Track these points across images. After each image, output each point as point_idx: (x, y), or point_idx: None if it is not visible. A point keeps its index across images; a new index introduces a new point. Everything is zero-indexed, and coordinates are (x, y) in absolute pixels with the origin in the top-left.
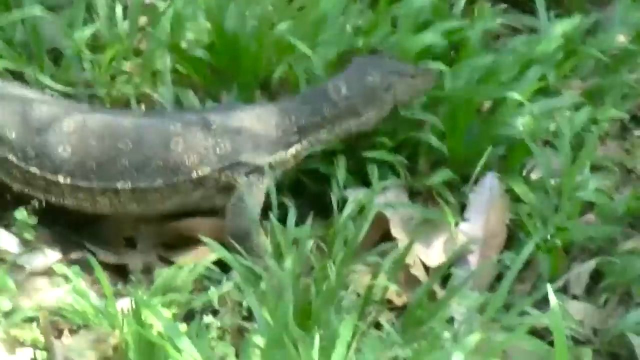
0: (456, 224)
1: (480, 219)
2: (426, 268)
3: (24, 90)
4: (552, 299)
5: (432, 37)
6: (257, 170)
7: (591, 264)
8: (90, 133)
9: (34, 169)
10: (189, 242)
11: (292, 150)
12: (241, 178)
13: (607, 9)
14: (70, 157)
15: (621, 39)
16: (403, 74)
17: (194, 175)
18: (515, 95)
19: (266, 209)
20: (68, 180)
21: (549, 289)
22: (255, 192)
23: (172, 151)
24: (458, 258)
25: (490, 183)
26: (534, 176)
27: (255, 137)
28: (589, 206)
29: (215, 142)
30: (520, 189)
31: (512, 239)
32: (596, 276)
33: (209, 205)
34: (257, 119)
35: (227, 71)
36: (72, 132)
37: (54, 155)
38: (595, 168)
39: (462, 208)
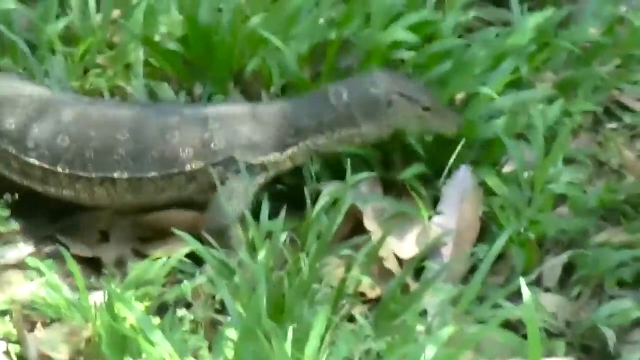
0: (430, 218)
1: (453, 212)
2: (400, 261)
3: (21, 82)
4: (525, 291)
5: (403, 31)
6: (250, 168)
7: (564, 257)
8: (89, 123)
9: (32, 160)
10: (164, 235)
11: (288, 152)
12: (232, 174)
13: (579, 2)
14: (69, 147)
15: (593, 31)
16: (413, 100)
17: (188, 168)
18: (486, 90)
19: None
20: (67, 171)
21: (522, 282)
22: (242, 190)
23: (167, 143)
24: (431, 251)
25: (464, 176)
26: (507, 169)
27: (251, 135)
28: (562, 199)
29: (210, 137)
30: (493, 182)
31: (486, 232)
32: (569, 269)
33: (204, 200)
34: (254, 118)
35: (200, 64)
36: (72, 123)
37: (52, 146)
38: (568, 161)
39: (436, 201)
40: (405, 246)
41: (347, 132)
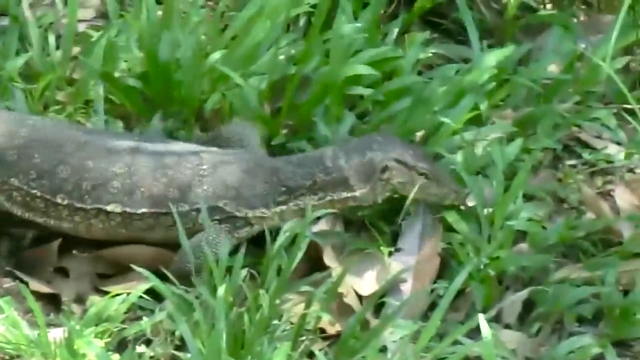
0: (390, 254)
1: (413, 248)
2: (360, 297)
3: (21, 115)
4: (485, 328)
5: (362, 66)
6: (232, 220)
7: (524, 293)
8: (89, 154)
9: (34, 191)
10: (123, 270)
11: (276, 210)
12: (213, 222)
13: (538, 39)
14: (68, 178)
15: (553, 68)
16: (409, 166)
17: (172, 209)
18: (448, 121)
19: None
20: (66, 202)
21: (482, 318)
22: (219, 241)
23: (157, 182)
24: (391, 288)
25: (423, 212)
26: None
27: (239, 187)
28: (521, 236)
29: (199, 183)
30: (452, 217)
31: (445, 268)
32: (529, 305)
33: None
34: (246, 171)
35: (160, 100)
36: (71, 153)
37: (53, 176)
38: (527, 198)
39: (396, 237)
40: (364, 282)
41: (340, 195)
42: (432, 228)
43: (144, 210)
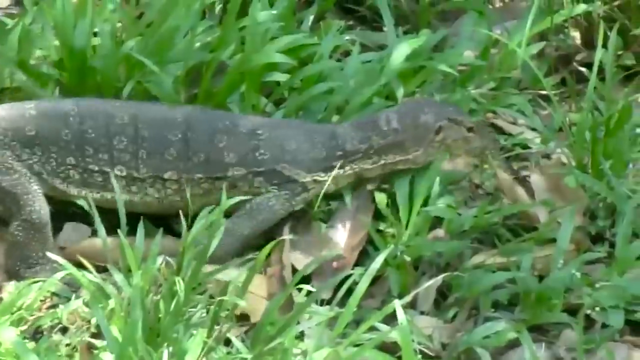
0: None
1: (343, 230)
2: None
3: (63, 98)
4: (400, 314)
5: (277, 54)
6: (290, 184)
7: (439, 279)
8: (143, 124)
9: (92, 166)
10: None
11: (332, 174)
12: (271, 187)
13: (454, 25)
14: (125, 148)
15: (468, 54)
16: (458, 122)
17: (230, 173)
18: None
19: None
20: (124, 173)
21: (397, 304)
22: (276, 206)
23: (214, 146)
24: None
25: (358, 194)
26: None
27: (296, 151)
28: (439, 222)
29: (256, 146)
30: (380, 198)
31: (363, 255)
32: (445, 291)
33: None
34: (303, 136)
35: (76, 88)
36: (127, 124)
37: (111, 149)
38: (444, 183)
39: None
40: (301, 258)
41: (394, 158)
42: (364, 207)
43: (199, 175)
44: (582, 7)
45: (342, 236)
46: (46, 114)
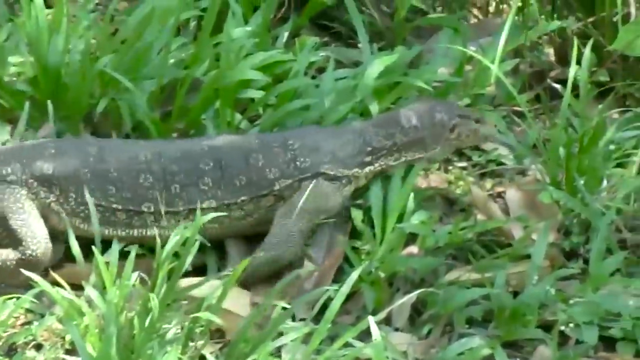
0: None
1: (321, 247)
2: None
3: (84, 138)
4: (375, 330)
5: (252, 71)
6: (337, 180)
7: (413, 295)
8: (169, 159)
9: (115, 205)
10: None
11: (366, 170)
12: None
13: (429, 42)
14: (152, 185)
15: (443, 71)
16: (467, 117)
17: (276, 187)
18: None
19: None
20: (152, 209)
21: (371, 320)
22: (326, 196)
23: (253, 166)
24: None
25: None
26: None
27: (333, 152)
28: (412, 238)
29: (294, 156)
30: (355, 214)
31: (338, 271)
32: (420, 307)
33: None
34: (334, 137)
35: (50, 105)
36: (151, 161)
37: (136, 186)
38: (419, 200)
39: None
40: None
41: (413, 155)
42: (341, 225)
43: (244, 197)
44: (556, 24)
45: (319, 254)
46: (66, 153)
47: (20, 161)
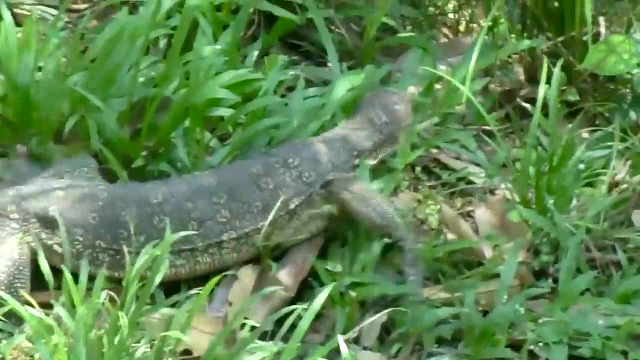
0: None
1: (289, 266)
2: None
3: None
4: (344, 349)
5: (222, 90)
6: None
7: (383, 315)
8: (181, 198)
9: (128, 249)
10: None
11: (356, 173)
12: (334, 187)
13: (398, 61)
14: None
15: (413, 90)
16: (408, 101)
17: (292, 206)
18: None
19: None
20: (169, 248)
21: (341, 339)
22: (368, 188)
23: (265, 191)
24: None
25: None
26: None
27: (332, 161)
28: (383, 258)
29: (299, 173)
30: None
31: (307, 289)
32: (389, 327)
33: (301, 236)
34: (326, 147)
35: (19, 123)
36: (163, 203)
37: (150, 228)
38: None
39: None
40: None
41: (387, 150)
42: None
43: (263, 222)
44: (526, 43)
45: (286, 271)
46: (75, 196)
47: (25, 200)
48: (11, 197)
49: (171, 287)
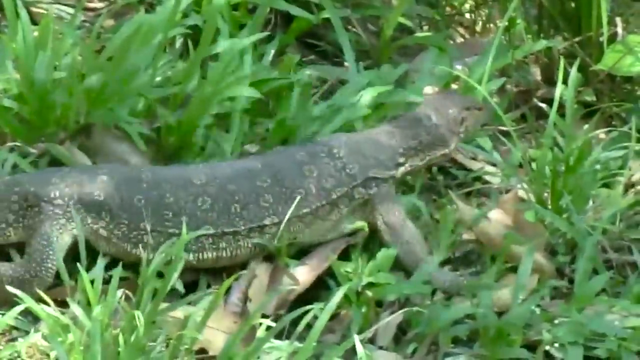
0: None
1: (308, 265)
2: None
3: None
4: (360, 349)
5: (242, 88)
6: (385, 181)
7: (399, 315)
8: (225, 180)
9: (172, 230)
10: None
11: (401, 170)
12: (373, 190)
13: (415, 60)
14: (211, 207)
15: (429, 90)
16: (473, 108)
17: (333, 196)
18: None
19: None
20: (211, 231)
21: (357, 339)
22: (390, 194)
23: (308, 178)
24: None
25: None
26: None
27: (375, 155)
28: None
29: (343, 164)
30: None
31: (322, 289)
32: (405, 326)
33: (337, 233)
34: (370, 141)
35: (36, 122)
36: (206, 184)
37: (194, 210)
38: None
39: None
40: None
41: (435, 153)
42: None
43: (306, 210)
44: (542, 43)
45: (303, 270)
46: (118, 179)
47: (69, 186)
48: (54, 184)
49: (190, 285)
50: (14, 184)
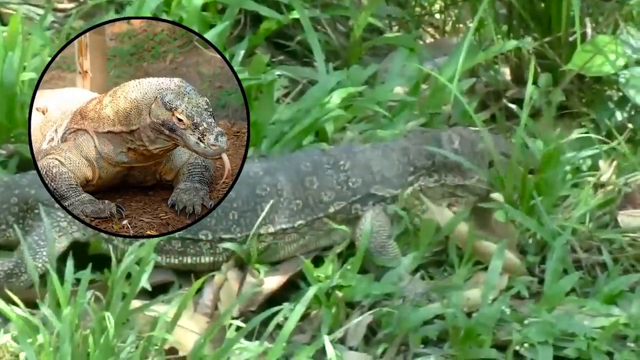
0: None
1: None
2: None
3: None
4: (330, 349)
5: None
6: (383, 200)
7: (369, 315)
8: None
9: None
10: None
11: (409, 190)
12: (368, 207)
13: (384, 61)
14: (212, 213)
15: (399, 90)
16: (508, 156)
17: (331, 210)
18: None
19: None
20: (210, 237)
21: (326, 340)
22: (382, 216)
23: (308, 190)
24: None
25: None
26: None
27: (382, 172)
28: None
29: (346, 177)
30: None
31: (294, 289)
32: (375, 327)
33: (329, 241)
34: (381, 157)
35: (5, 123)
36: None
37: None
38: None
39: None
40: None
41: (452, 180)
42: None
43: (300, 222)
44: (512, 44)
45: (274, 274)
46: None
47: None
48: None
49: (161, 286)
50: (14, 186)
